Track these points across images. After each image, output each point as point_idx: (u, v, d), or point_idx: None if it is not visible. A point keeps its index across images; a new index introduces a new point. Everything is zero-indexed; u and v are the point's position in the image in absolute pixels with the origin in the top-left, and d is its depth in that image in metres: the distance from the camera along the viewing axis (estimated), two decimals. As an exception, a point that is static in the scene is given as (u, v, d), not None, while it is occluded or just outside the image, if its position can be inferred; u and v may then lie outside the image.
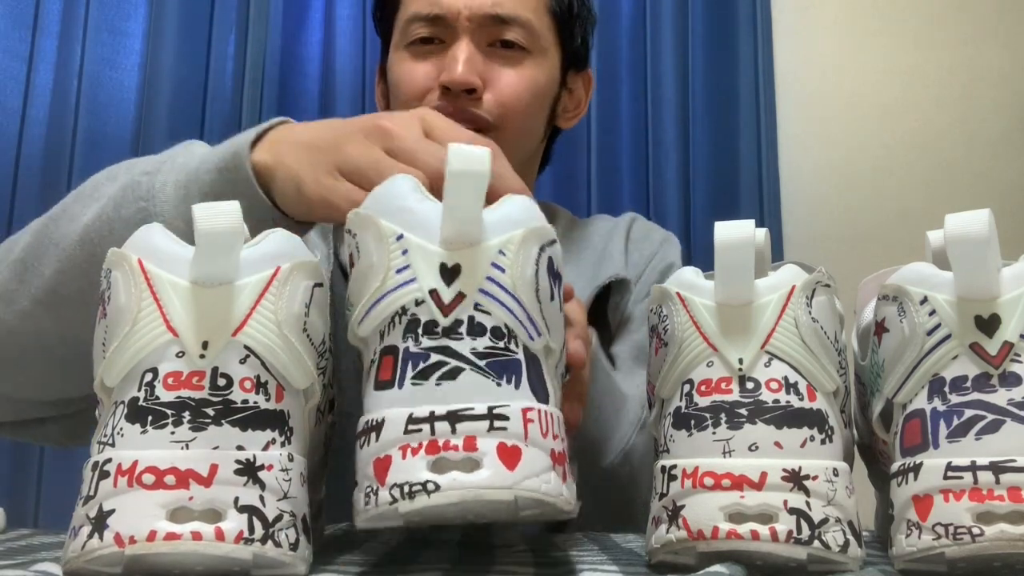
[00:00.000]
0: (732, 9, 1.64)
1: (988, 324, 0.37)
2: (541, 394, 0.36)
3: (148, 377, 0.34)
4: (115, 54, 1.50)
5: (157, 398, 0.34)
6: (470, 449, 0.33)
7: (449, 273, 0.36)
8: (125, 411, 0.34)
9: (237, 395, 0.34)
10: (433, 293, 0.35)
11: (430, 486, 0.33)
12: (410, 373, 0.35)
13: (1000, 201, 1.57)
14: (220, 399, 0.34)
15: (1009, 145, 1.72)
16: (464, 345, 0.35)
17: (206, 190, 0.52)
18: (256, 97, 1.47)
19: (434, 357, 0.35)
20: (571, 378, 0.47)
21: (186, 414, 0.34)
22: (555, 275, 0.38)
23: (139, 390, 0.34)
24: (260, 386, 0.35)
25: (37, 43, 1.47)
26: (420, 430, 0.34)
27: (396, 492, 0.33)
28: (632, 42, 1.61)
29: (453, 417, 0.34)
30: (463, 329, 0.35)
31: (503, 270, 0.36)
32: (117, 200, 0.54)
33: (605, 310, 0.82)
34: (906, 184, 1.70)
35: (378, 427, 0.35)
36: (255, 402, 0.35)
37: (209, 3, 1.51)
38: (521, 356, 0.36)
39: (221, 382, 0.34)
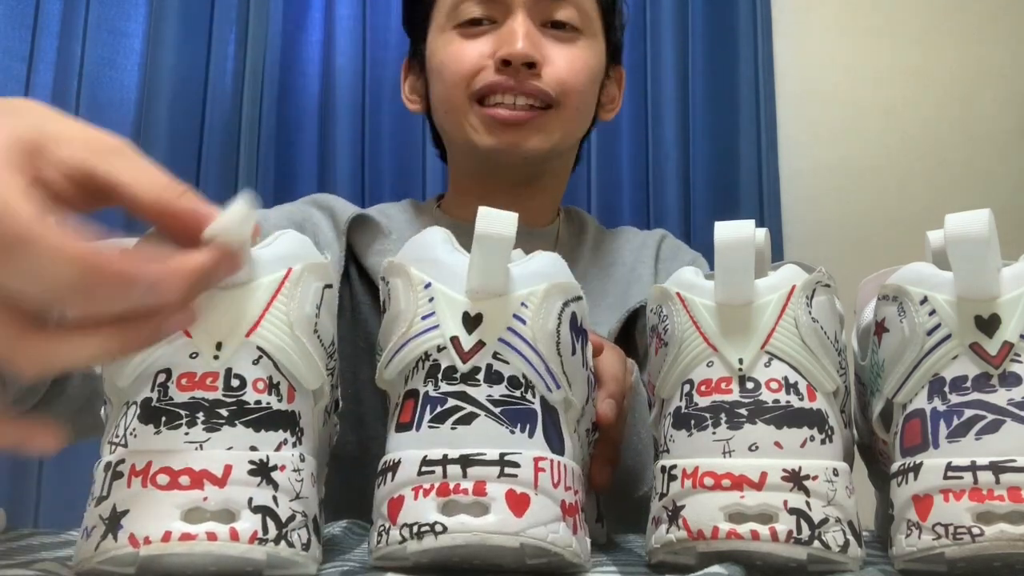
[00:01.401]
0: (732, 9, 1.64)
1: (988, 324, 0.37)
2: (557, 445, 0.37)
3: (161, 378, 0.35)
4: (115, 54, 1.50)
5: (171, 399, 0.34)
6: (479, 494, 0.34)
7: (471, 322, 0.37)
8: (138, 412, 0.34)
9: (250, 396, 0.35)
10: (454, 340, 0.37)
11: (438, 527, 0.34)
12: (428, 416, 0.36)
13: (1000, 201, 1.57)
14: (234, 400, 0.34)
15: (1010, 145, 1.72)
16: (481, 392, 0.36)
17: None
18: (256, 97, 1.48)
19: (451, 402, 0.36)
20: (600, 439, 0.47)
21: (200, 415, 0.34)
22: (579, 330, 0.39)
23: (152, 391, 0.34)
24: (273, 387, 0.35)
25: (37, 43, 1.47)
26: (433, 472, 0.35)
27: (405, 532, 0.34)
28: (632, 42, 1.61)
29: (465, 461, 0.35)
30: (480, 376, 0.36)
31: (524, 321, 0.37)
32: None
33: (633, 333, 0.80)
34: (906, 184, 1.70)
35: (394, 467, 0.36)
36: (268, 403, 0.35)
37: (209, 3, 1.51)
38: (538, 406, 0.37)
39: (235, 383, 0.35)
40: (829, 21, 1.76)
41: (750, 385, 0.39)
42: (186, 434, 0.34)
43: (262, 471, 0.34)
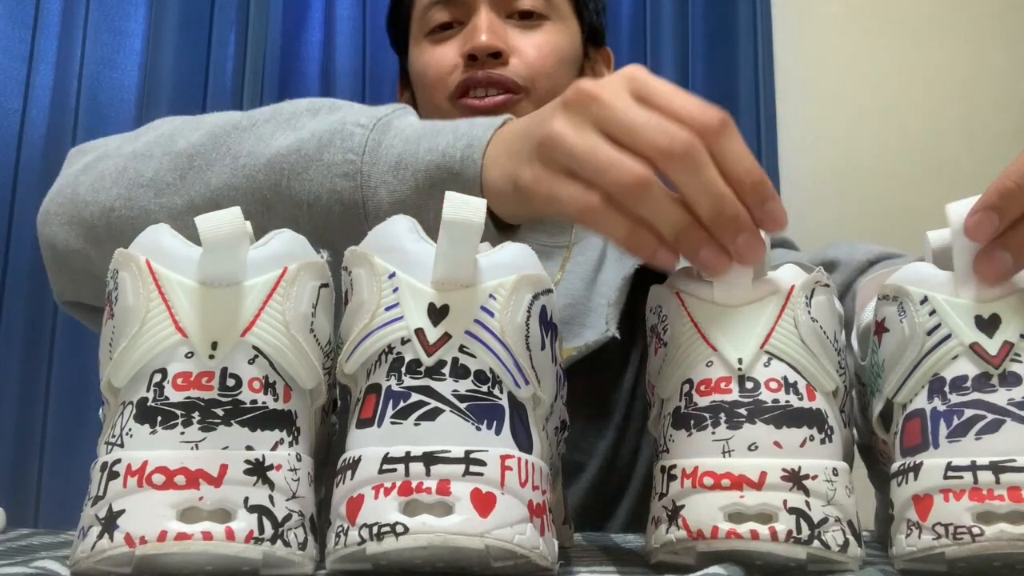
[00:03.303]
0: (732, 9, 1.64)
1: (988, 324, 0.37)
2: (524, 443, 0.36)
3: (157, 378, 0.34)
4: (115, 54, 1.50)
5: (166, 398, 0.34)
6: (443, 493, 0.33)
7: (437, 313, 0.35)
8: (134, 411, 0.34)
9: (246, 395, 0.35)
10: (419, 332, 0.35)
11: (399, 528, 0.32)
12: (390, 412, 0.35)
13: (1000, 201, 1.57)
14: (229, 399, 0.34)
15: (1010, 145, 1.72)
16: (446, 386, 0.35)
17: (420, 168, 0.49)
18: (256, 97, 1.47)
19: (415, 397, 0.35)
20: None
21: (195, 414, 0.34)
22: (548, 325, 0.38)
23: (148, 390, 0.34)
24: (268, 386, 0.35)
25: (37, 43, 1.47)
26: (395, 470, 0.33)
27: (365, 533, 0.33)
28: (632, 42, 1.61)
29: (428, 459, 0.33)
30: (446, 370, 0.35)
31: (492, 314, 0.36)
32: (322, 141, 0.52)
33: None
34: (906, 184, 1.70)
35: (354, 465, 0.34)
36: (264, 402, 0.35)
37: (209, 3, 1.51)
38: (505, 403, 0.35)
39: (230, 382, 0.34)
40: (829, 21, 1.76)
41: (749, 385, 0.38)
42: (182, 434, 0.34)
43: (258, 470, 0.34)
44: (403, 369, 0.35)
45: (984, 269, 0.38)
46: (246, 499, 0.33)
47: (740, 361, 0.39)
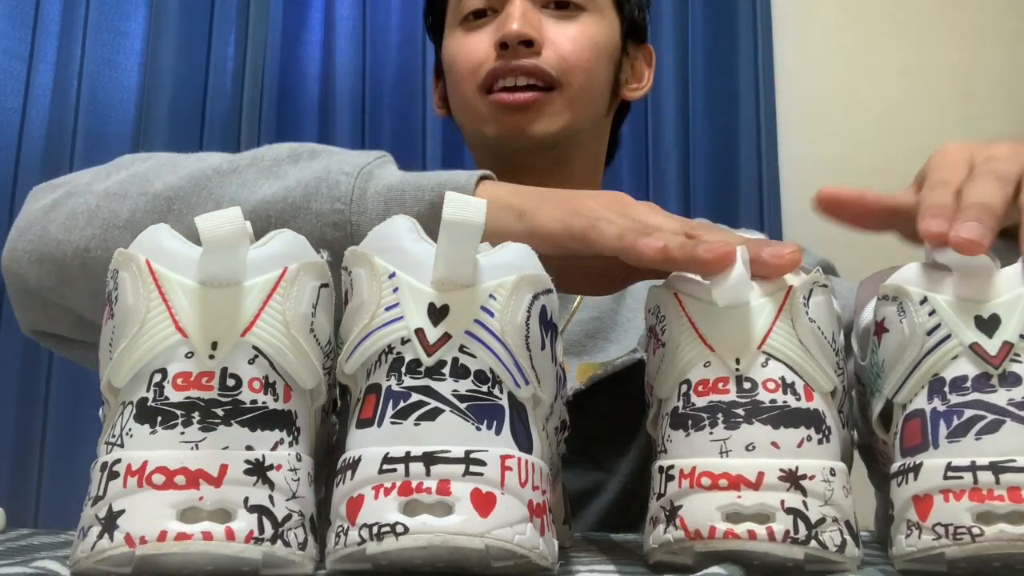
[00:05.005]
0: (732, 9, 1.64)
1: (988, 324, 0.37)
2: (524, 443, 0.36)
3: (157, 378, 0.34)
4: (115, 54, 1.50)
5: (166, 398, 0.34)
6: (443, 493, 0.33)
7: (437, 313, 0.35)
8: (134, 411, 0.34)
9: (246, 395, 0.35)
10: (419, 332, 0.35)
11: (399, 528, 0.32)
12: (390, 412, 0.35)
13: (1000, 201, 1.56)
14: (229, 399, 0.34)
15: (1009, 145, 1.72)
16: (446, 386, 0.35)
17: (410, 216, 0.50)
18: (256, 97, 1.48)
19: (415, 397, 0.35)
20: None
21: (195, 414, 0.34)
22: (548, 325, 0.38)
23: (148, 390, 0.34)
24: (268, 386, 0.35)
25: (37, 43, 1.47)
26: (394, 470, 0.33)
27: (365, 533, 0.33)
28: (632, 42, 1.61)
29: (428, 459, 0.33)
30: (446, 370, 0.35)
31: (492, 314, 0.36)
32: (308, 189, 0.51)
33: None
34: (906, 184, 1.70)
35: (354, 465, 0.34)
36: (264, 402, 0.35)
37: (209, 3, 1.51)
38: (505, 403, 0.36)
39: (230, 382, 0.34)
40: (829, 21, 1.76)
41: (747, 385, 0.38)
42: (182, 434, 0.34)
43: (258, 470, 0.34)
44: (403, 369, 0.35)
45: (962, 244, 0.38)
46: (246, 499, 0.33)
47: (738, 361, 0.39)
